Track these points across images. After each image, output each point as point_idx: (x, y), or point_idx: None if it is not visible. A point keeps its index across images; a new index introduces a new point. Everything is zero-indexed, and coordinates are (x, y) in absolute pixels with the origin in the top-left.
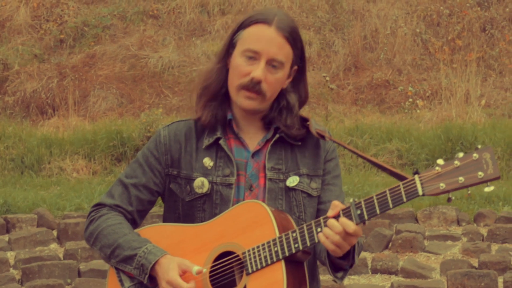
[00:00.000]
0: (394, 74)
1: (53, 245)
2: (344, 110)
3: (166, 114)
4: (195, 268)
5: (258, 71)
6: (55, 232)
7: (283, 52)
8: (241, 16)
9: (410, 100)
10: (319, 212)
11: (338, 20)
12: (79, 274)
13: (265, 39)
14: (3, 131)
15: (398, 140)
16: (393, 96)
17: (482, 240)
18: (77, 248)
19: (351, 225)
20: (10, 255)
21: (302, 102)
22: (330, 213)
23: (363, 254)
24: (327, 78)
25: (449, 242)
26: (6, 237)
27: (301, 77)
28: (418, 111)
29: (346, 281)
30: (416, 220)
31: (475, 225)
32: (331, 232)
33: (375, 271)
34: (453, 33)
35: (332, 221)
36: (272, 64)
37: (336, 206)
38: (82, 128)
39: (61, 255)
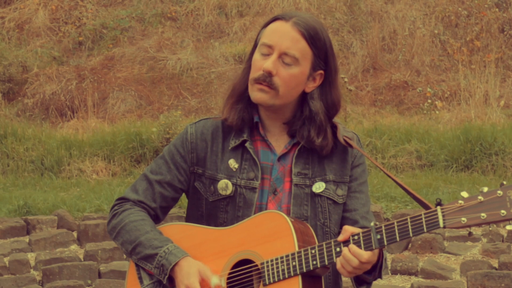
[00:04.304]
0: (413, 75)
1: (73, 246)
2: (363, 111)
3: (185, 116)
4: (214, 280)
5: (268, 62)
6: (75, 234)
7: (298, 47)
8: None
9: (429, 101)
10: (344, 219)
11: (356, 21)
12: (99, 275)
13: (279, 33)
14: (23, 133)
15: (417, 141)
16: (412, 97)
17: (502, 241)
18: (97, 249)
19: (363, 255)
20: (31, 256)
21: (330, 111)
22: (341, 237)
23: None
24: (346, 80)
25: (469, 243)
26: (26, 239)
27: (327, 83)
28: (437, 112)
29: None
30: None
31: (495, 226)
32: (347, 264)
33: (395, 272)
34: (472, 34)
35: (348, 255)
36: (285, 58)
37: (346, 230)
38: (101, 130)
39: (81, 256)
